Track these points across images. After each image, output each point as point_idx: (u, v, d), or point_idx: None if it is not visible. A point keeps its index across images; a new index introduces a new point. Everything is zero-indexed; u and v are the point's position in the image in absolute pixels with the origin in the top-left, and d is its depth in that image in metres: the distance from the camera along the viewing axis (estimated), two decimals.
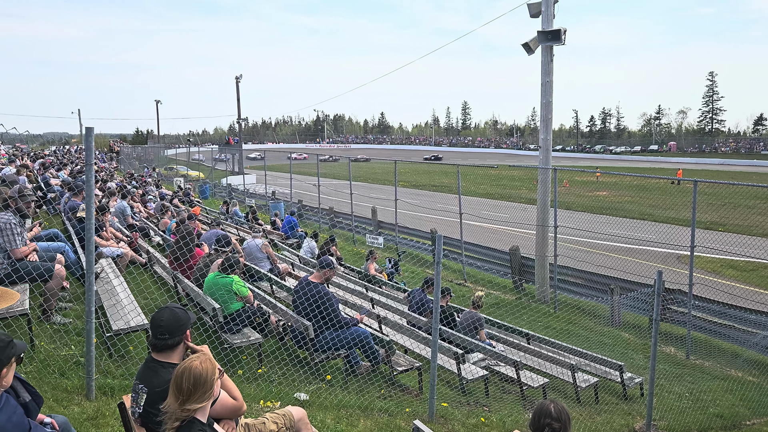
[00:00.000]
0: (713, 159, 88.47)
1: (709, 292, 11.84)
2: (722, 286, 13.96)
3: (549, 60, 13.59)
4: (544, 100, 13.77)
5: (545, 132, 14.03)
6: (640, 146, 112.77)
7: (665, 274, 12.90)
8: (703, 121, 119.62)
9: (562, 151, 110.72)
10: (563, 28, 13.14)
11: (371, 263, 13.38)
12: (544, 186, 14.15)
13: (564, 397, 8.02)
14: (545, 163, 13.94)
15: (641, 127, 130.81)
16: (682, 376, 9.41)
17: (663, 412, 7.62)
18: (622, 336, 11.52)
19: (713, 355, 10.33)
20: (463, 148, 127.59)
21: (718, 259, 18.92)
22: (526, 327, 10.23)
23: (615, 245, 20.95)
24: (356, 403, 5.93)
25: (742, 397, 8.44)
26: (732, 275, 17.20)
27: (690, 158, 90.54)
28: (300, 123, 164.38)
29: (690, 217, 11.07)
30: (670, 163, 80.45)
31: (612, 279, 13.10)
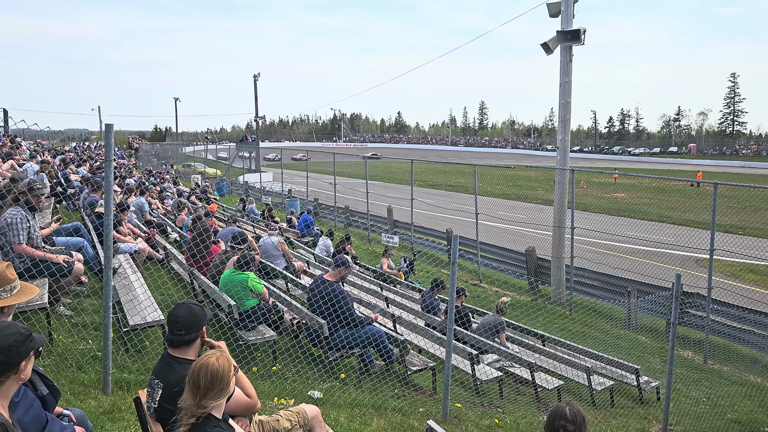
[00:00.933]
0: (734, 161, 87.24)
1: (728, 296, 11.67)
2: (742, 290, 13.77)
3: (568, 60, 13.49)
4: (563, 100, 13.67)
5: (563, 133, 13.93)
6: (659, 148, 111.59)
7: (683, 278, 12.76)
8: (724, 123, 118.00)
9: (579, 152, 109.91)
10: (583, 28, 13.03)
11: (385, 259, 13.39)
12: (561, 187, 14.05)
13: (579, 399, 7.95)
14: (563, 164, 13.84)
15: (660, 128, 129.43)
16: (699, 381, 9.30)
17: (679, 417, 7.53)
18: (638, 339, 11.41)
19: (731, 359, 10.20)
20: (480, 148, 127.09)
21: (738, 263, 18.69)
22: (541, 328, 10.17)
23: (632, 247, 20.75)
24: (370, 402, 5.93)
25: (761, 403, 8.31)
26: (752, 279, 16.95)
27: (710, 160, 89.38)
28: (317, 121, 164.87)
29: (709, 219, 10.93)
30: (690, 165, 79.48)
31: (629, 281, 12.98)
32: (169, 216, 15.15)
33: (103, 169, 4.93)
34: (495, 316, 8.80)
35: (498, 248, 17.11)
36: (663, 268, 15.89)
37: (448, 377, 5.95)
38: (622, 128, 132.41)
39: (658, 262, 17.44)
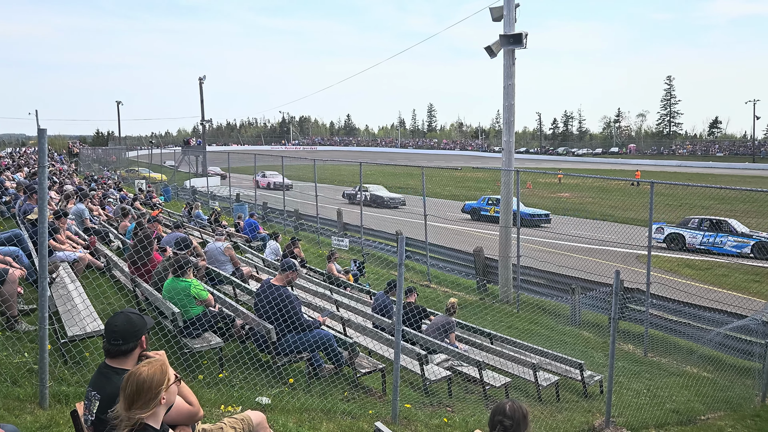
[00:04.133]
0: (671, 161, 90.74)
1: (666, 290, 12.13)
2: (679, 285, 14.32)
3: (511, 63, 13.76)
4: (507, 102, 13.94)
5: (508, 134, 14.21)
6: (601, 148, 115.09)
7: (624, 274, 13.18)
8: (662, 124, 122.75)
9: (525, 153, 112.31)
10: (525, 32, 13.33)
11: (332, 264, 13.36)
12: (507, 188, 14.33)
13: (526, 396, 8.12)
14: (508, 165, 14.11)
15: (602, 129, 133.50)
16: (640, 373, 9.62)
17: (622, 409, 7.77)
18: (582, 335, 11.72)
19: (670, 351, 10.59)
20: (429, 150, 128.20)
21: (676, 258, 19.44)
22: (489, 327, 10.33)
23: (576, 245, 21.31)
24: (319, 405, 5.90)
25: (697, 393, 8.66)
26: (688, 274, 17.65)
27: (649, 160, 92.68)
28: (265, 125, 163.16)
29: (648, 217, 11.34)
30: (630, 164, 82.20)
31: (573, 279, 13.32)
32: (111, 223, 14.72)
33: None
34: (444, 317, 8.89)
35: (447, 249, 17.29)
36: (605, 265, 16.38)
37: (397, 378, 5.98)
38: (565, 130, 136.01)
39: (601, 260, 17.96)
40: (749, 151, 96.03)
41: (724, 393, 8.75)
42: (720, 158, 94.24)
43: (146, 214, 14.80)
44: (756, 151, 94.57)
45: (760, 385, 8.81)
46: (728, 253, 19.93)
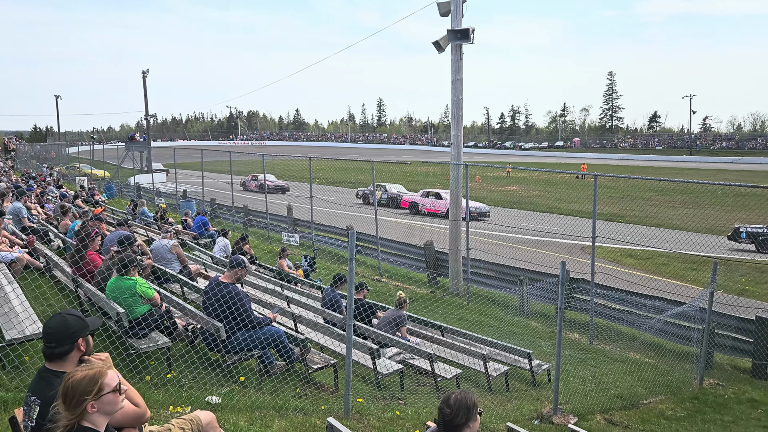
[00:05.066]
0: (614, 154, 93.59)
1: (610, 280, 12.51)
2: (622, 274, 14.80)
3: (459, 58, 13.90)
4: (455, 97, 14.08)
5: (456, 129, 14.35)
6: (548, 142, 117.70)
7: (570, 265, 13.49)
8: (604, 118, 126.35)
9: (474, 147, 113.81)
10: (472, 28, 13.47)
11: (282, 260, 13.24)
12: (456, 181, 14.48)
13: (476, 386, 8.24)
14: (457, 159, 14.26)
15: (548, 123, 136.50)
16: (585, 361, 9.89)
17: (569, 396, 7.98)
18: (530, 325, 11.98)
19: (614, 339, 10.93)
20: (379, 144, 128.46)
21: (619, 249, 20.02)
22: (440, 320, 10.44)
23: (524, 238, 21.74)
24: (270, 403, 5.85)
25: (639, 378, 8.97)
26: (630, 263, 18.24)
27: (593, 153, 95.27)
28: (212, 119, 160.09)
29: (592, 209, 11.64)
30: (575, 158, 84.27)
31: (521, 270, 13.58)
32: (50, 221, 14.18)
33: None
34: (395, 311, 8.93)
35: (398, 243, 17.37)
36: (552, 256, 16.78)
37: (349, 373, 5.97)
38: (513, 124, 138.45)
39: (548, 251, 18.39)
40: (686, 144, 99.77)
41: (664, 377, 9.10)
42: (659, 151, 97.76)
43: (89, 212, 14.32)
44: (692, 145, 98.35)
45: (697, 369, 9.19)
46: None
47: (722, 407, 8.25)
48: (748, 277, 15.60)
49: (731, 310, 10.20)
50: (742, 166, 71.84)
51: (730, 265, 16.21)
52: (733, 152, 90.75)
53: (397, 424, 6.10)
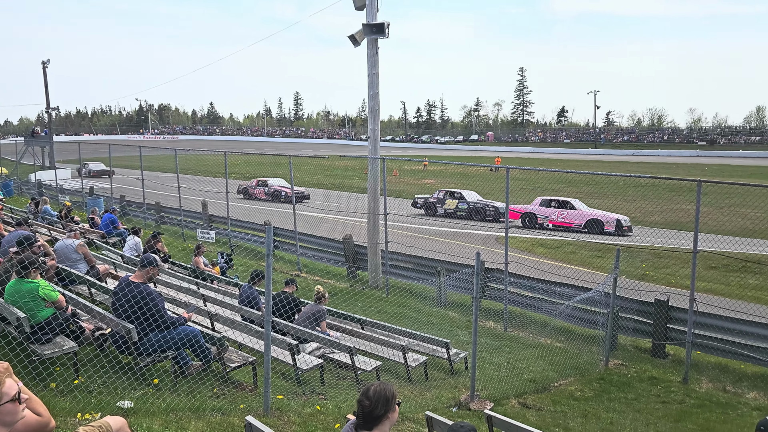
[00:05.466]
0: (525, 147, 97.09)
1: (523, 269, 12.95)
2: (534, 263, 15.38)
3: (375, 52, 13.95)
4: (371, 91, 14.13)
5: (373, 123, 14.42)
6: (463, 136, 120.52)
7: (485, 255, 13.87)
8: (516, 113, 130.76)
9: (391, 141, 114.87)
10: (387, 22, 13.55)
11: (198, 257, 12.90)
12: (373, 175, 14.56)
13: (396, 377, 8.35)
14: (374, 153, 14.34)
15: (463, 118, 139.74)
16: (501, 348, 10.23)
17: (485, 383, 8.23)
18: (448, 315, 12.25)
19: (527, 326, 11.36)
20: (296, 138, 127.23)
21: (530, 239, 20.83)
22: (360, 313, 10.49)
23: (442, 230, 22.20)
24: (187, 405, 5.69)
25: (551, 362, 9.37)
26: (542, 252, 18.98)
27: (506, 147, 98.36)
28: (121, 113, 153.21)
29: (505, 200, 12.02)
30: (489, 151, 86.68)
31: (438, 262, 13.84)
32: None
33: None
34: (314, 305, 8.89)
35: (317, 238, 17.28)
36: (468, 247, 17.19)
37: (268, 370, 5.90)
38: (429, 118, 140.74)
39: (464, 242, 18.83)
40: (591, 137, 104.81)
41: (573, 360, 9.56)
42: (567, 145, 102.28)
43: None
44: (597, 138, 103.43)
45: (603, 351, 9.72)
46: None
47: (626, 386, 8.76)
48: (648, 262, 16.60)
49: (633, 294, 10.83)
50: (641, 158, 76.28)
51: (632, 252, 17.19)
52: (634, 145, 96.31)
53: (317, 419, 6.09)
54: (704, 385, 8.93)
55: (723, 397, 8.45)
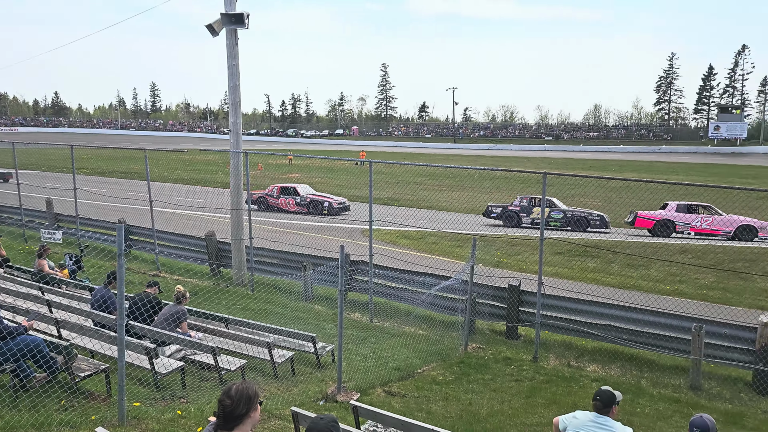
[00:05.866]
0: (389, 142, 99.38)
1: (387, 260, 13.27)
2: (398, 254, 15.80)
3: (234, 43, 13.56)
4: (232, 83, 13.74)
5: (235, 116, 14.03)
6: (328, 130, 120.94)
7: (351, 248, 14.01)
8: (379, 108, 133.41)
9: (256, 135, 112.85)
10: (246, 12, 13.22)
11: (42, 260, 11.88)
12: (236, 170, 14.19)
13: (262, 375, 8.23)
14: (236, 147, 13.96)
15: (328, 112, 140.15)
16: (367, 339, 10.42)
17: (352, 374, 8.34)
18: (315, 309, 12.26)
19: (392, 315, 11.65)
20: (154, 132, 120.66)
21: (395, 231, 21.33)
22: (224, 311, 10.20)
23: (308, 224, 22.13)
24: (29, 421, 5.25)
25: (414, 350, 9.69)
26: (406, 244, 19.55)
27: (370, 141, 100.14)
28: None
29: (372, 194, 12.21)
30: (354, 145, 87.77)
31: (305, 256, 13.79)
32: None
33: None
34: (173, 306, 8.51)
35: (177, 235, 16.53)
36: (334, 240, 17.29)
37: (122, 377, 5.59)
38: (294, 112, 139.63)
39: (330, 236, 18.92)
40: (451, 132, 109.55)
41: (435, 346, 9.96)
42: (428, 139, 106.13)
43: None
44: (456, 133, 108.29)
45: (463, 336, 10.21)
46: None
47: (483, 367, 9.28)
48: (502, 250, 17.67)
49: (488, 280, 11.46)
50: (496, 152, 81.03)
51: (488, 240, 18.20)
52: (489, 140, 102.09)
53: (178, 424, 5.86)
54: (551, 361, 9.69)
55: (568, 372, 9.21)
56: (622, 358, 9.69)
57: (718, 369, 9.30)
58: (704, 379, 8.91)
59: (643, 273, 15.37)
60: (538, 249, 10.00)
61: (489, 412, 7.50)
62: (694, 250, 17.19)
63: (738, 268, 14.55)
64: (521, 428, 7.09)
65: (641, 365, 9.52)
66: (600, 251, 16.22)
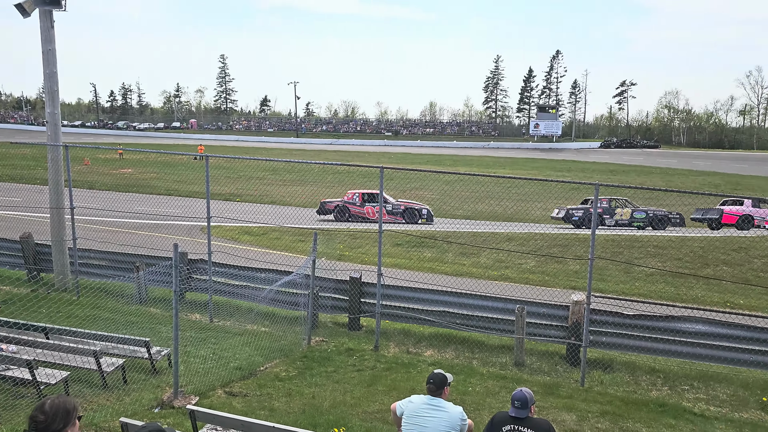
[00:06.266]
0: (230, 136, 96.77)
1: (228, 257, 12.89)
2: (239, 251, 15.45)
3: (50, 26, 12.35)
4: (48, 70, 12.51)
5: (52, 106, 12.80)
6: (164, 123, 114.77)
7: (189, 246, 13.49)
8: (219, 101, 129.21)
9: (82, 126, 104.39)
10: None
11: None
12: (55, 164, 12.94)
13: (90, 386, 7.64)
14: (54, 140, 12.75)
15: (163, 104, 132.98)
16: (207, 339, 10.05)
17: (190, 377, 8.02)
18: (149, 312, 11.60)
19: (233, 314, 11.35)
20: None
21: (237, 227, 20.84)
22: (45, 320, 9.29)
23: (142, 222, 20.87)
24: None
25: (256, 347, 9.53)
26: (248, 240, 19.17)
27: (210, 135, 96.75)
28: None
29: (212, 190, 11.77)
30: (193, 139, 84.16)
31: (137, 256, 12.99)
32: None
33: None
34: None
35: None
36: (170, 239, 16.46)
37: None
38: (125, 103, 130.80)
39: (167, 234, 18.00)
40: (293, 127, 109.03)
41: (278, 343, 9.87)
42: (271, 133, 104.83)
43: None
44: (298, 128, 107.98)
45: (306, 330, 10.23)
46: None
47: (326, 360, 9.37)
48: (345, 243, 17.96)
49: (331, 274, 11.57)
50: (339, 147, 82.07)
51: (330, 234, 18.40)
52: (332, 134, 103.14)
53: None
54: (392, 349, 10.03)
55: (406, 358, 9.59)
56: (456, 341, 10.29)
57: (538, 345, 10.21)
58: (527, 355, 9.73)
59: (474, 260, 16.45)
60: (377, 241, 10.28)
61: (332, 403, 7.59)
62: (518, 237, 18.69)
63: (554, 253, 16.07)
64: (363, 417, 7.26)
65: (473, 347, 10.17)
66: (435, 242, 17.07)
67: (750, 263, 16.44)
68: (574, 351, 9.34)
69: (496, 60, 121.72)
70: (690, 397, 8.50)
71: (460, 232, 19.95)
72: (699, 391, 8.70)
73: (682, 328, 9.17)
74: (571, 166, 57.95)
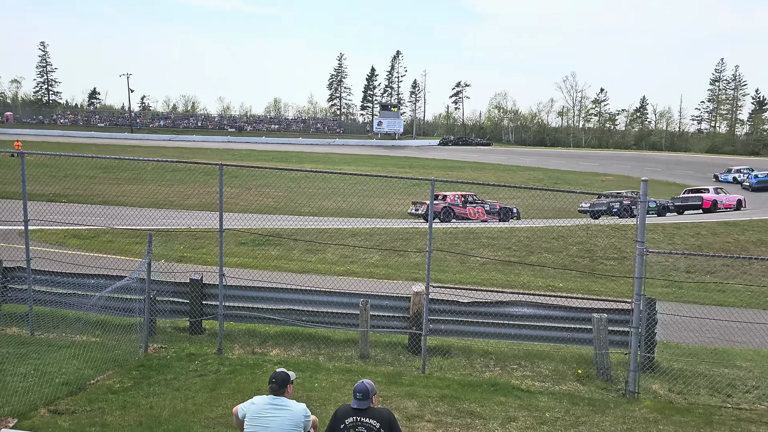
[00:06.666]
0: (54, 131, 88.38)
1: (52, 264, 11.80)
2: (65, 257, 14.18)
3: None
4: None
5: None
6: None
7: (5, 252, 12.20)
8: (40, 92, 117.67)
9: None
10: None
11: None
12: None
13: None
14: None
15: None
16: (27, 355, 9.14)
17: (8, 397, 7.25)
18: None
19: (59, 325, 10.41)
20: None
21: (63, 230, 19.14)
22: None
23: None
24: None
25: (86, 359, 8.82)
26: (75, 244, 17.69)
27: (30, 129, 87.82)
28: None
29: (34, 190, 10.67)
30: (9, 134, 75.68)
31: None
32: None
33: None
34: None
35: None
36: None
37: None
38: None
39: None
40: (127, 122, 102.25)
41: (111, 353, 9.21)
42: (102, 128, 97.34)
43: None
44: (133, 123, 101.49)
45: (142, 338, 9.66)
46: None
47: (166, 367, 8.92)
48: (186, 244, 17.22)
49: (170, 276, 11.02)
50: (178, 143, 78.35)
51: (170, 235, 17.53)
52: (171, 130, 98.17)
53: None
54: (236, 351, 9.80)
55: (252, 359, 9.42)
56: (302, 338, 10.28)
57: (382, 337, 10.52)
58: (372, 347, 9.98)
59: (320, 257, 16.56)
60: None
61: (171, 412, 7.26)
62: (363, 233, 19.10)
63: (396, 246, 16.65)
64: (205, 423, 7.04)
65: (319, 343, 10.23)
66: (281, 240, 16.93)
67: (567, 250, 18.21)
68: (416, 340, 9.75)
69: (340, 58, 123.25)
70: (518, 375, 9.25)
71: (306, 229, 19.98)
72: (526, 369, 9.50)
73: (510, 312, 9.95)
74: (413, 162, 60.45)
